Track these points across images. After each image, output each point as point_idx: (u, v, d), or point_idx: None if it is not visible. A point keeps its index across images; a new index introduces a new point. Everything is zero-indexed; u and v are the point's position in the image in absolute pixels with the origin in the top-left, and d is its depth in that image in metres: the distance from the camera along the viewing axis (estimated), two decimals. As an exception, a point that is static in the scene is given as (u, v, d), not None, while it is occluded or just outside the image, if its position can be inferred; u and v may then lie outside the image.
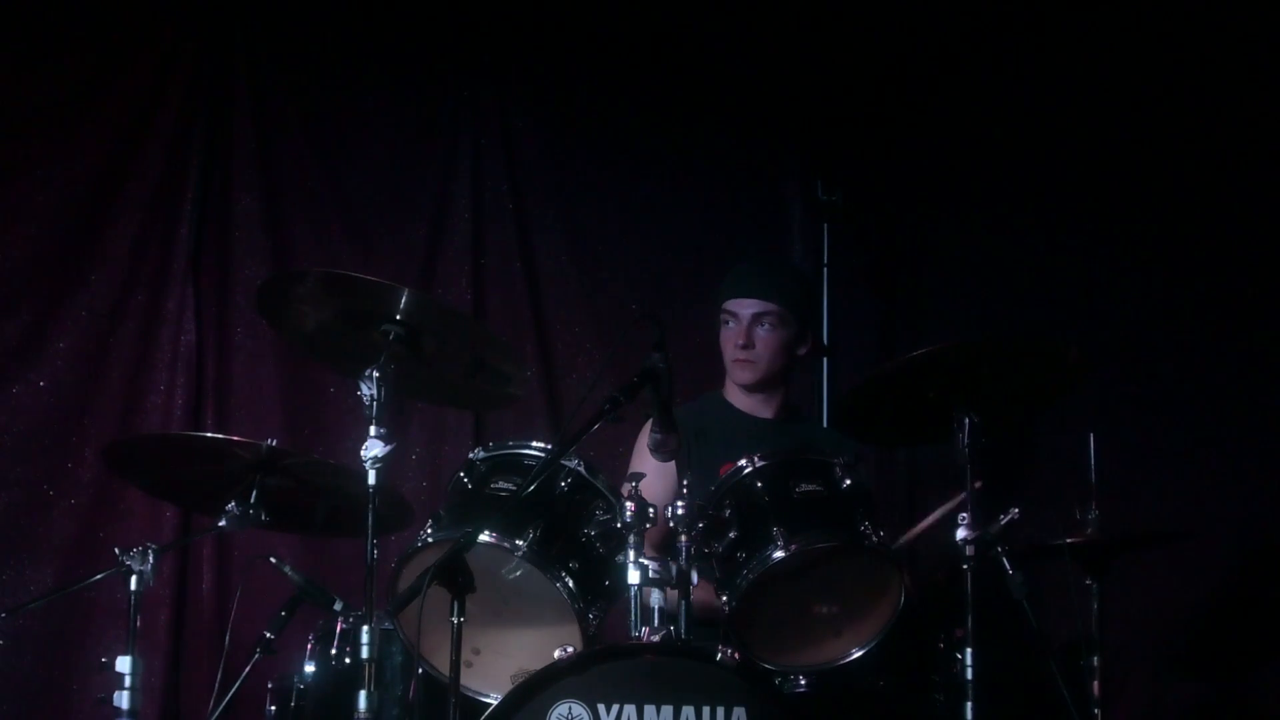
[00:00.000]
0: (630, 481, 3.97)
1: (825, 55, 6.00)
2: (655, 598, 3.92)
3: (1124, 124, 5.79)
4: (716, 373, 5.06)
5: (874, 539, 4.02)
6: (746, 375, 4.93)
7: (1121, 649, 5.29)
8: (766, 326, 4.89)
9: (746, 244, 5.95)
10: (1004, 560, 4.12)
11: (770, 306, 4.88)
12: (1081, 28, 5.81)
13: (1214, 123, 5.71)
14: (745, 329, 4.88)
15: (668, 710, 3.69)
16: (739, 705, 3.70)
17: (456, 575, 3.57)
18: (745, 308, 4.89)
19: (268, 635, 4.47)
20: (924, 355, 4.08)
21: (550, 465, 3.97)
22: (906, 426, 4.36)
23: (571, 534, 4.05)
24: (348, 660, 4.26)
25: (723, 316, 4.95)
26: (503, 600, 4.05)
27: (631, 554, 3.90)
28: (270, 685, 4.45)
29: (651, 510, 3.94)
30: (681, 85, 5.99)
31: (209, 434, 5.24)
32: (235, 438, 4.48)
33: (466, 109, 5.92)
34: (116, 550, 4.24)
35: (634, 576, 3.88)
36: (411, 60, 5.91)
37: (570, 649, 3.77)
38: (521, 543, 3.94)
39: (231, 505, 4.34)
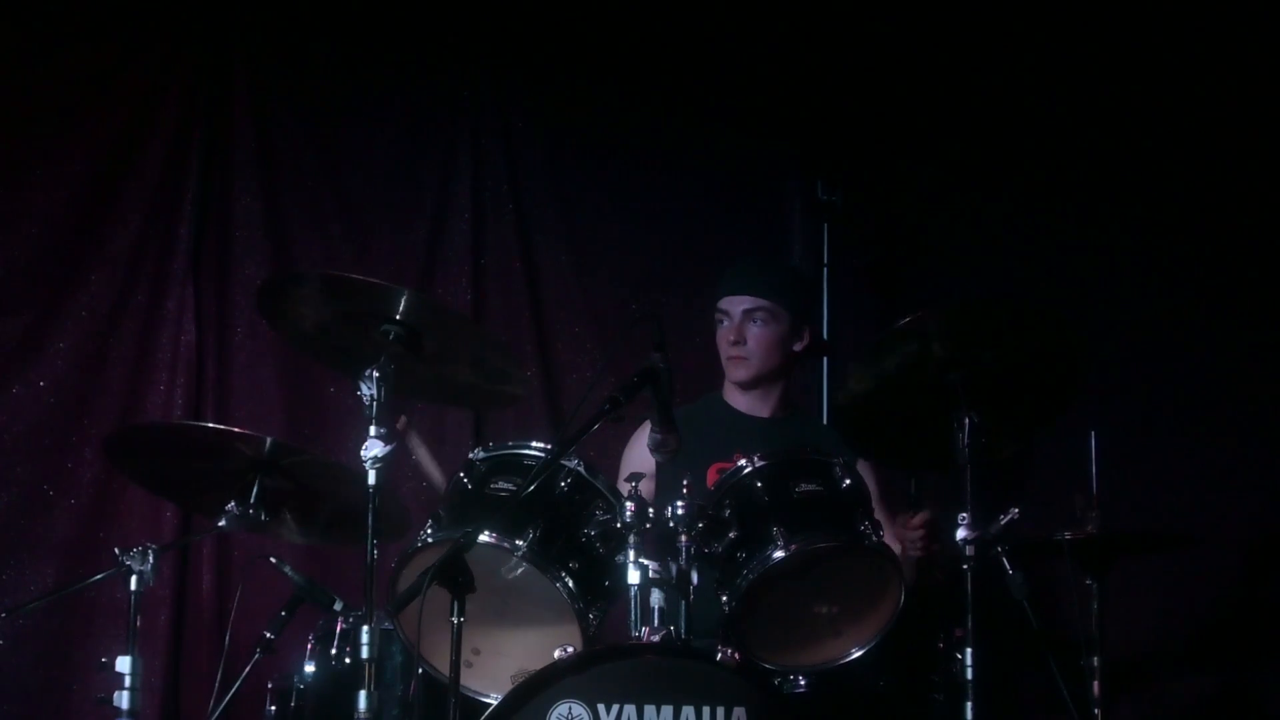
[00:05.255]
0: (630, 481, 3.97)
1: (825, 55, 6.00)
2: (656, 597, 3.92)
3: (1125, 123, 5.79)
4: (716, 373, 5.06)
5: (874, 539, 4.03)
6: (741, 373, 4.94)
7: (1121, 649, 5.29)
8: (758, 322, 4.90)
9: (746, 244, 5.95)
10: (1004, 560, 4.12)
11: (761, 302, 4.90)
12: (1081, 28, 5.81)
13: (1215, 121, 5.71)
14: (737, 326, 4.91)
15: (668, 710, 3.69)
16: (739, 705, 3.70)
17: (456, 575, 3.58)
18: (737, 305, 4.92)
19: (268, 635, 4.47)
20: (908, 324, 4.07)
21: (550, 465, 3.97)
22: (907, 440, 4.34)
23: (571, 534, 4.05)
24: (348, 660, 4.27)
25: (716, 316, 4.97)
26: (503, 600, 4.05)
27: (631, 554, 3.90)
28: (270, 685, 4.45)
29: (651, 510, 3.96)
30: (681, 85, 5.99)
31: (210, 424, 5.23)
32: (236, 429, 4.48)
33: (466, 109, 5.92)
34: (116, 550, 4.24)
35: (634, 576, 3.88)
36: (411, 60, 5.91)
37: (570, 649, 3.77)
38: (521, 543, 3.94)
39: (231, 505, 4.34)
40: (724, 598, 4.01)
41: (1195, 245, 5.72)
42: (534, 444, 4.18)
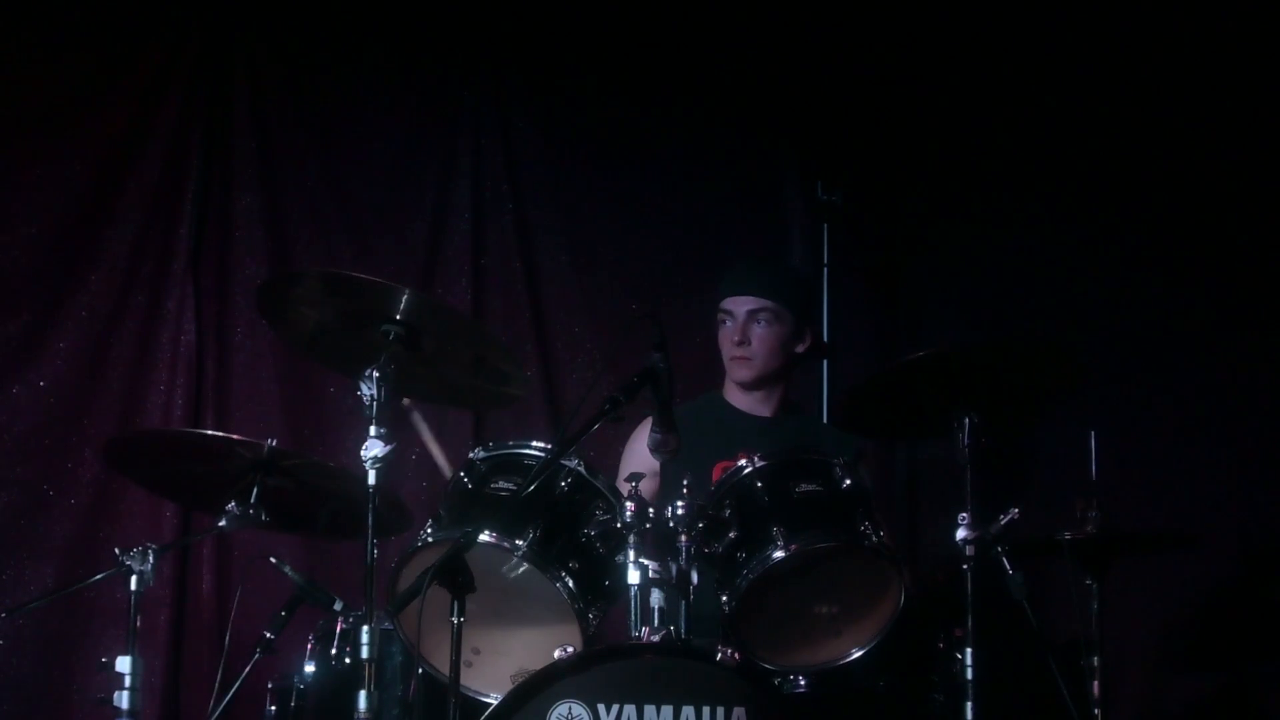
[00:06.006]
0: (630, 481, 3.97)
1: (825, 55, 6.00)
2: (656, 597, 3.91)
3: (1124, 123, 5.79)
4: (716, 372, 5.07)
5: (874, 539, 4.03)
6: (744, 373, 4.94)
7: (1121, 649, 5.29)
8: (762, 323, 4.91)
9: (746, 244, 5.95)
10: (1004, 560, 4.12)
11: (765, 303, 4.90)
12: (1081, 27, 5.81)
13: (1215, 122, 5.71)
14: (741, 326, 4.91)
15: (668, 710, 3.69)
16: (739, 705, 3.70)
17: (456, 575, 3.58)
18: (741, 305, 4.92)
19: (268, 635, 4.46)
20: (922, 358, 4.09)
21: (550, 465, 3.97)
22: (906, 423, 4.37)
23: (571, 534, 4.05)
24: (348, 660, 4.26)
25: (720, 316, 4.97)
26: (503, 600, 4.05)
27: (631, 554, 3.90)
28: (270, 685, 4.45)
29: (651, 510, 3.96)
30: (681, 85, 5.99)
31: (210, 432, 5.23)
32: (236, 436, 4.48)
33: (466, 109, 5.92)
34: (116, 550, 4.24)
35: (634, 576, 3.89)
36: (411, 60, 5.91)
37: (570, 649, 3.77)
38: (521, 543, 3.94)
39: (231, 505, 4.34)
40: (724, 598, 4.00)
41: (1195, 245, 5.72)
42: (534, 444, 4.18)
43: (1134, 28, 5.76)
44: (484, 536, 3.87)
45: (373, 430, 3.97)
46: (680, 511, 3.93)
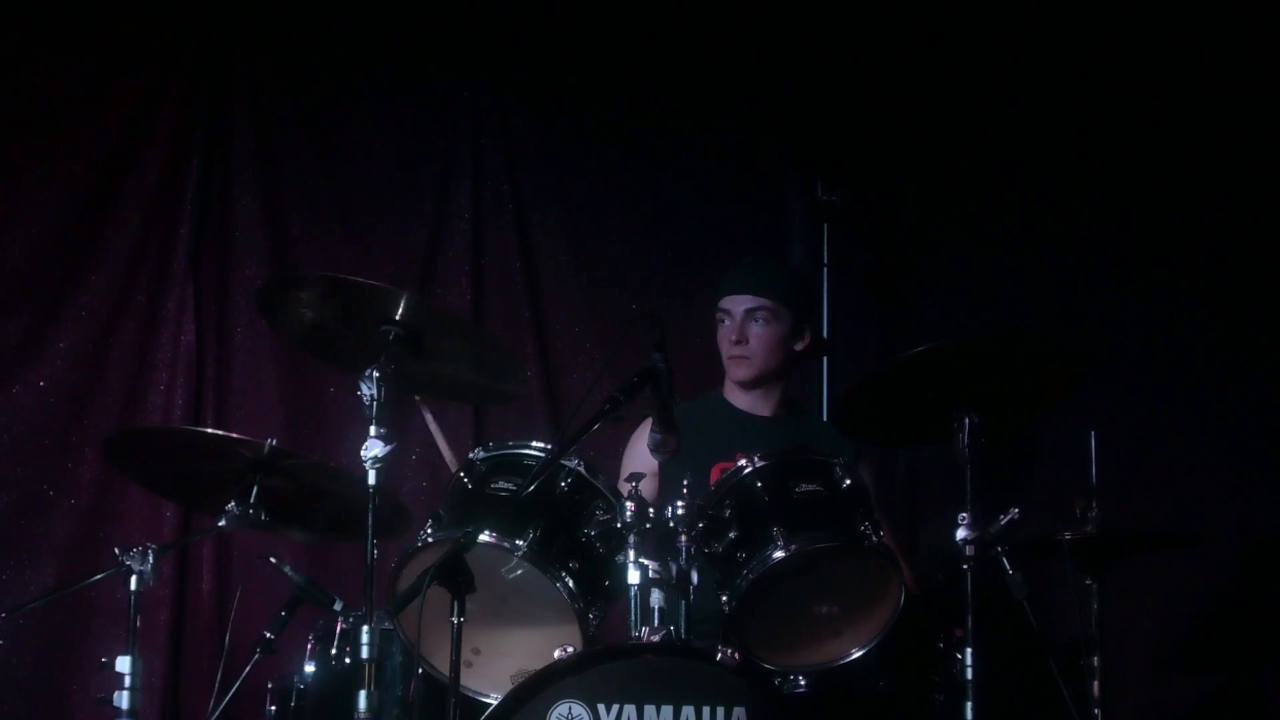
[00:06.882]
0: (630, 481, 3.98)
1: (825, 55, 6.00)
2: (656, 597, 3.92)
3: (1125, 123, 5.79)
4: (716, 373, 5.07)
5: (874, 539, 4.03)
6: (743, 371, 4.95)
7: (1121, 649, 5.29)
8: (760, 321, 4.91)
9: (746, 244, 5.94)
10: (1004, 560, 4.12)
11: (763, 301, 4.91)
12: (1081, 27, 5.81)
13: (1215, 122, 5.71)
14: (739, 325, 4.91)
15: (668, 710, 3.69)
16: (739, 705, 3.70)
17: (456, 575, 3.58)
18: (738, 304, 4.93)
19: (268, 635, 4.47)
20: (921, 354, 4.09)
21: (550, 465, 3.97)
22: (906, 427, 4.37)
23: (571, 534, 4.05)
24: (348, 660, 4.27)
25: (718, 315, 4.98)
26: (503, 600, 4.05)
27: (631, 554, 3.91)
28: (270, 685, 4.46)
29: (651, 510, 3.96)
30: (682, 85, 5.99)
31: (210, 431, 5.23)
32: (236, 436, 4.48)
33: (467, 109, 5.92)
34: (116, 550, 4.24)
35: (634, 576, 3.89)
36: (411, 60, 5.91)
37: (570, 649, 3.77)
38: (521, 543, 3.94)
39: (231, 505, 4.34)
40: (724, 598, 4.01)
41: (1195, 246, 5.72)
42: (534, 444, 4.18)
43: (1133, 27, 5.76)
44: (484, 536, 3.87)
45: (373, 430, 3.97)
46: (680, 511, 3.93)
